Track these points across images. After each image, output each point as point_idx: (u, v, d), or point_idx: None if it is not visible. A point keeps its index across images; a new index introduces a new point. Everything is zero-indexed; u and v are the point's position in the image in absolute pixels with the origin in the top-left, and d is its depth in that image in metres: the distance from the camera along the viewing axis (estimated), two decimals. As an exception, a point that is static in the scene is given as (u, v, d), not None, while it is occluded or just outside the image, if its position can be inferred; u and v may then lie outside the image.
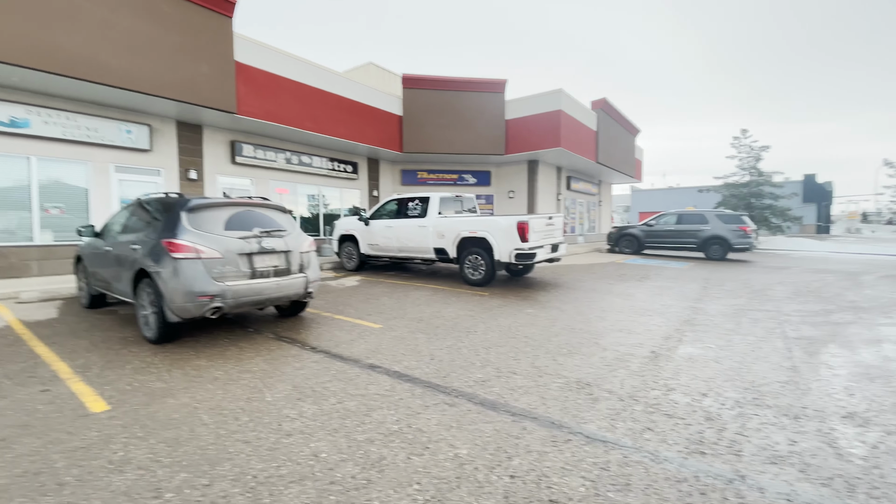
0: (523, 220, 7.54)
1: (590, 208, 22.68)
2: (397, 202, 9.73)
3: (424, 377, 3.64)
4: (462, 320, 5.59)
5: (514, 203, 16.84)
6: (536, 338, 4.81)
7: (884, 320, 5.84)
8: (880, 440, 2.61)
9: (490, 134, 14.83)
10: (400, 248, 9.47)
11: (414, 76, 14.27)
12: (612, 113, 18.47)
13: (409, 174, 16.33)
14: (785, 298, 7.39)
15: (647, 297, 7.34)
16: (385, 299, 6.99)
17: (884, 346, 4.60)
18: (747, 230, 13.82)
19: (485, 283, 8.13)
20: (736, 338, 4.92)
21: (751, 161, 23.29)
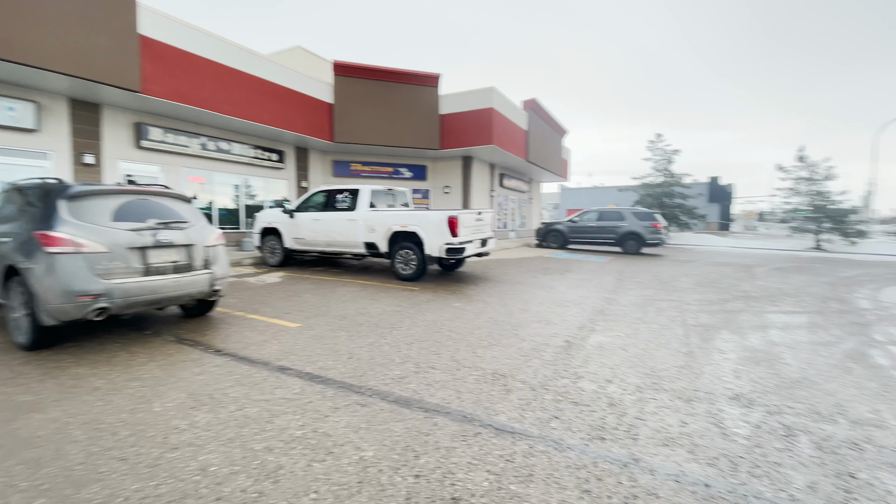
0: (453, 214, 7.55)
1: (521, 205, 23.45)
2: (325, 194, 9.32)
3: (339, 377, 3.47)
4: (388, 316, 5.46)
5: (449, 198, 16.92)
6: (460, 331, 4.82)
7: (771, 308, 6.59)
8: (763, 420, 2.88)
9: (425, 128, 14.73)
10: (328, 243, 9.09)
11: (346, 63, 13.75)
12: (542, 113, 19.18)
13: (341, 165, 15.77)
14: (688, 289, 8.11)
15: (568, 290, 7.69)
16: (308, 296, 6.66)
17: (769, 332, 5.17)
18: (659, 227, 15.05)
19: (416, 278, 8.05)
20: (642, 326, 5.28)
21: (664, 163, 25.42)
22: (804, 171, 23.17)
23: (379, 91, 14.15)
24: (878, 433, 2.69)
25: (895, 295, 8.01)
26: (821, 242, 23.00)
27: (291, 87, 12.61)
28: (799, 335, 5.01)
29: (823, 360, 4.11)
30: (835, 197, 22.82)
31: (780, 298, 7.35)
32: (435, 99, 14.74)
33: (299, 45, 16.02)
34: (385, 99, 14.24)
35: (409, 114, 14.47)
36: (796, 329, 5.30)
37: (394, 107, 14.33)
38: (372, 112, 14.06)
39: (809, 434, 2.69)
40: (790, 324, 5.56)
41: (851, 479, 2.22)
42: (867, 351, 4.44)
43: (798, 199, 23.93)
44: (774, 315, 6.06)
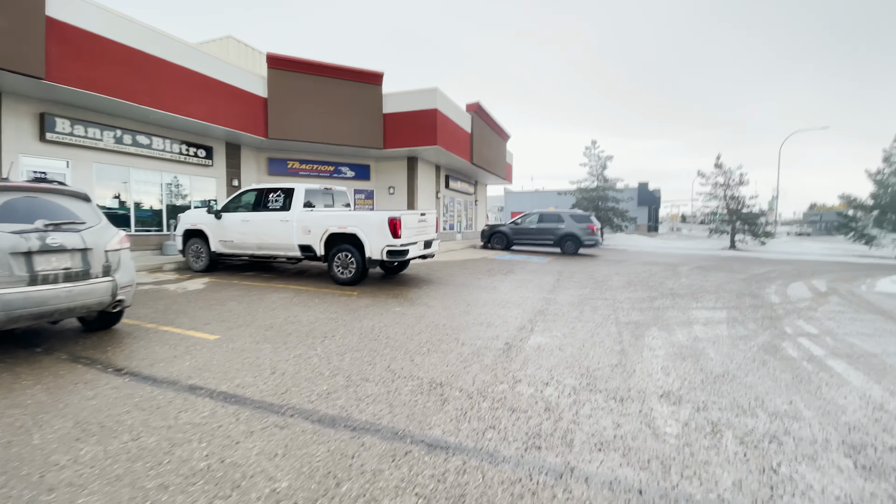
0: (395, 215, 7.30)
1: (467, 207, 23.61)
2: (256, 193, 8.69)
3: (258, 396, 3.12)
4: (321, 324, 5.11)
5: (394, 199, 16.60)
6: (399, 338, 4.59)
7: (694, 304, 6.98)
8: (691, 417, 2.93)
9: (367, 126, 14.32)
10: (259, 246, 8.48)
11: (280, 56, 13.01)
12: (485, 117, 19.41)
13: (277, 163, 14.92)
14: (620, 287, 8.44)
15: (510, 291, 7.72)
16: (233, 304, 6.11)
17: (693, 328, 5.43)
18: (594, 229, 15.73)
19: (355, 282, 7.69)
20: (578, 325, 5.35)
21: (598, 169, 26.76)
22: (721, 178, 25.36)
23: (318, 87, 13.54)
24: (794, 425, 2.82)
25: (799, 290, 8.85)
26: (736, 242, 25.28)
27: (221, 78, 11.71)
28: (720, 330, 5.31)
29: (742, 354, 4.34)
30: (747, 201, 25.19)
31: (702, 295, 7.83)
32: (378, 97, 14.37)
33: (231, 35, 14.97)
34: (325, 95, 13.66)
35: (350, 111, 14.00)
36: (717, 324, 5.62)
37: (334, 104, 13.79)
38: (310, 108, 13.43)
39: (733, 429, 2.76)
40: (711, 319, 5.90)
41: (774, 475, 2.27)
42: (779, 343, 4.78)
43: (716, 203, 26.14)
44: (698, 311, 6.42)
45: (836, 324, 5.81)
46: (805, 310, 6.76)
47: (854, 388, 3.49)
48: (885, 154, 21.88)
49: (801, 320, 6.00)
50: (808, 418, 2.92)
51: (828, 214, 62.77)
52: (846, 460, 2.44)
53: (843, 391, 3.43)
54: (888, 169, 21.78)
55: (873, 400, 3.26)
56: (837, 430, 2.77)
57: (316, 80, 13.47)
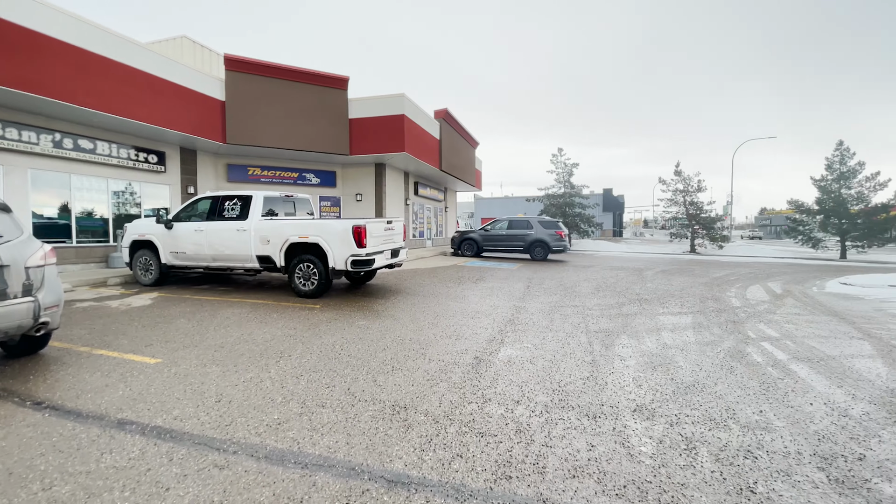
0: (360, 223, 7.01)
1: (437, 214, 23.45)
2: (211, 201, 8.19)
3: (198, 430, 2.79)
4: (277, 342, 4.76)
5: (361, 206, 16.22)
6: (361, 355, 4.32)
7: (661, 310, 7.03)
8: (665, 433, 2.82)
9: (332, 132, 13.93)
10: (214, 257, 7.97)
11: (239, 58, 12.48)
12: (454, 124, 19.38)
13: (237, 170, 14.27)
14: (589, 294, 8.45)
15: (479, 299, 7.56)
16: (182, 322, 5.65)
17: (662, 335, 5.42)
18: (562, 235, 15.90)
19: (318, 294, 7.33)
20: (549, 335, 5.24)
21: (565, 176, 27.26)
22: (680, 184, 26.34)
23: (279, 90, 13.07)
24: (766, 437, 2.76)
25: (757, 293, 9.15)
26: (696, 246, 26.27)
27: (173, 80, 11.08)
28: (687, 336, 5.33)
29: (710, 361, 4.33)
30: (705, 206, 26.26)
31: (667, 300, 7.94)
32: (344, 102, 14.02)
33: (185, 35, 14.25)
34: (287, 99, 13.20)
35: (314, 116, 13.58)
36: (684, 330, 5.64)
37: (297, 108, 13.34)
38: (272, 112, 12.93)
39: (708, 445, 2.66)
40: (678, 325, 5.93)
41: (752, 494, 2.17)
42: (744, 348, 4.82)
43: (676, 209, 27.12)
44: (664, 317, 6.46)
45: (794, 327, 5.96)
46: (765, 313, 6.94)
47: (819, 394, 3.50)
48: (828, 162, 23.33)
49: (761, 324, 6.13)
50: (779, 429, 2.88)
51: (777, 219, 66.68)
52: (819, 474, 2.37)
53: (809, 397, 3.44)
54: (830, 176, 23.22)
55: (838, 406, 3.27)
56: (808, 441, 2.73)
57: (277, 83, 12.99)
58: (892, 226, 22.37)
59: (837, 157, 23.02)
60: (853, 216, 22.46)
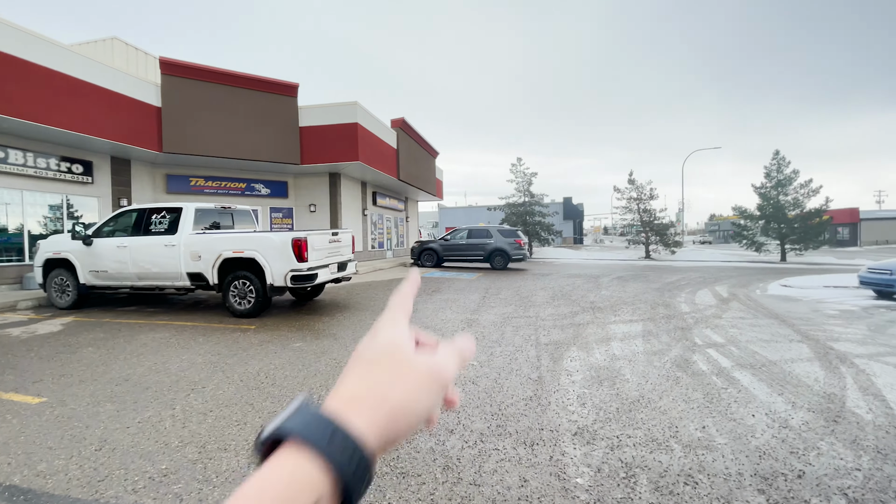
0: (300, 236, 6.57)
1: (397, 223, 23.06)
2: (136, 214, 7.50)
3: (61, 489, 2.31)
4: (194, 372, 4.26)
5: (316, 217, 15.61)
6: (288, 383, 3.90)
7: (613, 318, 6.97)
8: (604, 459, 2.60)
9: (282, 140, 13.34)
10: (140, 275, 7.27)
11: (175, 61, 11.73)
12: (412, 133, 19.16)
13: (177, 180, 13.37)
14: (544, 303, 8.33)
15: (432, 313, 7.26)
16: (88, 351, 5.00)
17: (611, 345, 5.30)
18: (522, 243, 15.92)
19: (256, 314, 6.79)
20: (497, 350, 5.00)
21: (524, 185, 27.62)
22: (634, 192, 27.25)
23: (223, 97, 12.38)
24: (708, 457, 2.59)
25: (706, 297, 9.35)
26: (650, 252, 27.17)
27: (100, 83, 10.22)
28: (636, 346, 5.23)
29: (657, 372, 4.21)
30: (658, 213, 27.27)
31: (620, 308, 7.93)
32: (293, 110, 13.48)
33: (116, 37, 13.30)
34: (231, 106, 12.52)
35: (262, 124, 12.95)
36: (634, 339, 5.56)
37: (243, 115, 12.68)
38: (214, 119, 12.21)
39: (647, 471, 2.46)
40: (629, 333, 5.86)
41: (689, 534, 1.96)
42: (690, 357, 4.75)
43: (631, 216, 28.01)
44: (616, 325, 6.39)
45: (738, 331, 6.02)
46: (711, 318, 7.02)
47: (761, 404, 3.41)
48: (766, 170, 24.81)
49: (708, 329, 6.16)
50: (721, 446, 2.73)
51: (725, 224, 70.64)
52: (760, 498, 2.21)
53: (751, 408, 3.34)
54: (769, 183, 24.69)
55: (778, 416, 3.18)
56: (749, 459, 2.58)
57: (220, 89, 12.30)
58: (825, 229, 23.97)
59: (775, 165, 24.51)
60: (791, 221, 23.91)
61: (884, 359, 4.63)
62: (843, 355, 4.76)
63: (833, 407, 3.32)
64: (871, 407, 3.31)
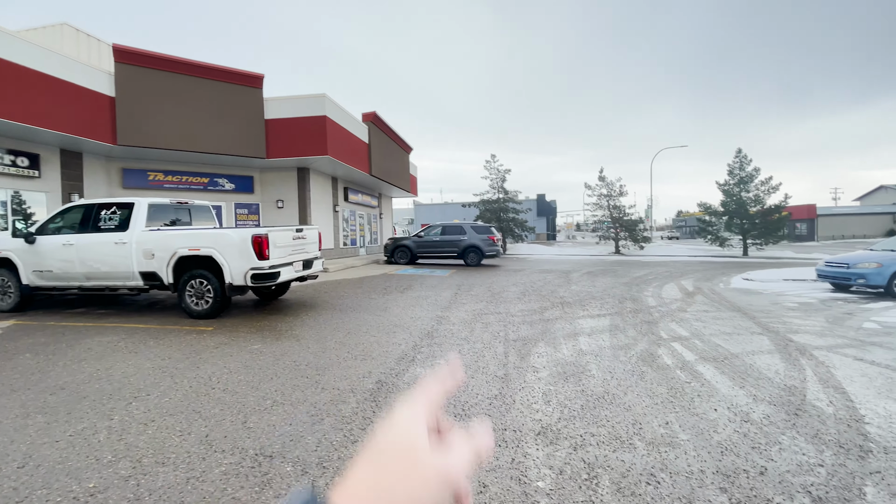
0: (260, 232, 6.28)
1: (371, 220, 22.71)
2: (84, 210, 7.02)
3: (-35, 516, 2.06)
4: (140, 378, 3.97)
5: (283, 213, 15.14)
6: (241, 389, 3.68)
7: (581, 312, 6.99)
8: (567, 460, 2.52)
9: (246, 133, 12.83)
10: (88, 275, 6.82)
11: (130, 49, 11.08)
12: (384, 128, 18.85)
13: (134, 175, 12.68)
14: (514, 299, 8.30)
15: (402, 311, 7.11)
16: (25, 357, 4.62)
17: (579, 340, 5.28)
18: (495, 239, 15.92)
19: (214, 315, 6.47)
20: (466, 347, 4.90)
21: (498, 181, 27.71)
22: (604, 189, 27.75)
23: (183, 87, 11.80)
24: (671, 455, 2.56)
25: (672, 291, 9.54)
26: (620, 247, 27.75)
27: (47, 71, 9.53)
28: (602, 340, 5.24)
29: (622, 367, 4.20)
30: (627, 210, 27.87)
31: (589, 302, 7.98)
32: (259, 101, 12.98)
33: (66, 23, 12.46)
34: (192, 97, 11.94)
35: (225, 116, 12.42)
36: (601, 334, 5.57)
37: (204, 107, 12.12)
38: (173, 111, 11.61)
39: (610, 471, 2.40)
40: (596, 328, 5.87)
41: (649, 538, 1.90)
42: (656, 351, 4.78)
43: (601, 212, 28.53)
44: (584, 320, 6.40)
45: (702, 324, 6.13)
46: (677, 311, 7.14)
47: (723, 398, 3.43)
48: (730, 168, 25.70)
49: (674, 323, 6.24)
50: (684, 443, 2.70)
51: (691, 220, 73.08)
52: (722, 497, 2.18)
53: (714, 402, 3.35)
54: (732, 181, 25.58)
55: (740, 409, 3.20)
56: (711, 455, 2.56)
57: (180, 79, 11.71)
58: (785, 224, 25.01)
59: (737, 163, 25.41)
60: (752, 217, 24.87)
61: (842, 350, 4.77)
62: (803, 347, 4.88)
63: (794, 400, 3.37)
64: (832, 400, 3.37)
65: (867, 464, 2.42)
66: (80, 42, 12.83)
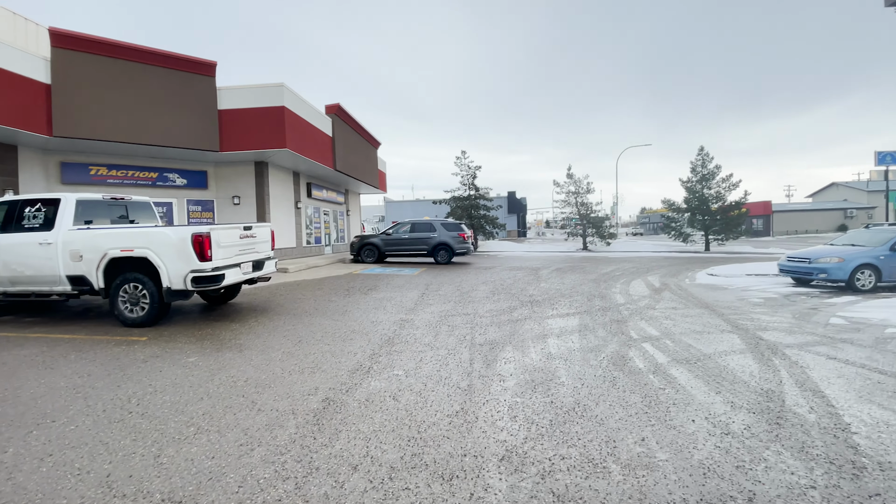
0: (201, 231, 5.68)
1: (337, 217, 21.96)
2: (7, 207, 6.22)
3: None
4: (49, 400, 3.39)
5: (240, 210, 14.29)
6: (162, 413, 3.17)
7: (550, 312, 6.75)
8: (533, 492, 2.19)
9: (198, 124, 11.94)
10: (12, 280, 6.04)
11: (68, 33, 10.04)
12: (349, 121, 18.17)
13: (74, 169, 11.58)
14: (483, 298, 8.00)
15: (363, 314, 6.66)
16: None
17: (548, 342, 5.01)
18: (465, 237, 15.62)
19: (151, 322, 5.82)
20: (428, 354, 4.54)
21: (469, 178, 27.46)
22: (572, 186, 27.99)
23: (127, 74, 10.82)
24: (649, 480, 2.27)
25: (639, 288, 9.49)
26: (587, 244, 28.09)
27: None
28: (572, 342, 4.99)
29: (592, 373, 3.94)
30: (594, 207, 28.23)
31: (558, 301, 7.78)
32: (211, 91, 12.11)
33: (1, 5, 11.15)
34: (137, 85, 10.98)
35: (174, 106, 11.51)
36: (570, 335, 5.32)
37: (151, 96, 11.17)
38: (116, 100, 10.64)
39: (583, 505, 2.09)
40: (565, 329, 5.63)
41: None
42: (626, 353, 4.56)
43: (569, 209, 28.79)
44: (553, 320, 6.16)
45: (672, 322, 6.00)
46: (645, 309, 7.02)
47: (700, 406, 3.21)
48: (692, 165, 26.41)
49: (643, 321, 6.09)
50: (663, 464, 2.42)
51: (655, 217, 75.39)
52: (707, 530, 1.90)
53: (691, 411, 3.12)
54: (695, 178, 26.30)
55: (719, 420, 2.97)
56: (693, 478, 2.29)
57: (123, 65, 10.74)
58: (744, 221, 25.95)
59: (700, 160, 26.13)
60: (714, 213, 25.65)
61: (814, 349, 4.69)
62: (774, 346, 4.78)
63: (773, 406, 3.18)
64: (813, 405, 3.20)
65: (863, 484, 2.21)
66: (18, 27, 11.58)
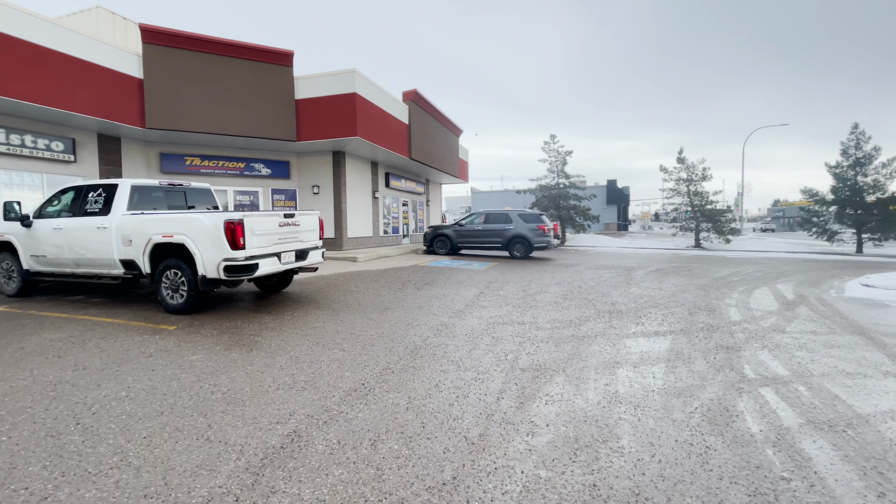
0: (235, 217, 5.37)
1: (416, 208, 21.76)
2: (74, 192, 6.63)
3: None
4: (18, 398, 3.16)
5: (319, 199, 14.59)
6: (108, 428, 2.70)
7: (633, 328, 5.33)
8: None
9: (277, 114, 12.27)
10: (76, 261, 6.41)
11: (157, 28, 10.84)
12: (427, 107, 17.61)
13: (172, 159, 12.68)
14: (550, 304, 6.76)
15: (402, 314, 5.91)
16: (-59, 357, 4.07)
17: (617, 374, 3.74)
18: (545, 229, 14.13)
19: (189, 309, 5.71)
20: (450, 377, 3.58)
21: (558, 164, 25.39)
22: (684, 173, 24.38)
23: (210, 67, 11.43)
24: None
25: (764, 300, 7.38)
26: (700, 240, 24.34)
27: (79, 55, 9.49)
28: (653, 377, 3.64)
29: (673, 436, 2.65)
30: (711, 197, 24.30)
31: (647, 311, 6.23)
32: (289, 81, 12.35)
33: (100, 6, 12.62)
34: (220, 77, 11.56)
35: (254, 97, 11.93)
36: (653, 365, 3.95)
37: (232, 87, 11.69)
38: (201, 92, 11.30)
39: None
40: (648, 355, 4.25)
41: None
42: (733, 404, 3.12)
43: (679, 199, 25.18)
44: (633, 340, 4.77)
45: (809, 356, 4.24)
46: (770, 332, 5.20)
47: (864, 536, 1.81)
48: (843, 147, 21.26)
49: (765, 351, 4.41)
50: None
51: (790, 210, 64.10)
52: None
53: (846, 545, 1.75)
54: (846, 162, 21.17)
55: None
56: None
57: (207, 58, 11.35)
58: (913, 217, 20.27)
59: (853, 140, 20.96)
60: (869, 206, 20.44)
61: None
62: None
63: None
64: None
65: None
66: (117, 25, 12.99)
